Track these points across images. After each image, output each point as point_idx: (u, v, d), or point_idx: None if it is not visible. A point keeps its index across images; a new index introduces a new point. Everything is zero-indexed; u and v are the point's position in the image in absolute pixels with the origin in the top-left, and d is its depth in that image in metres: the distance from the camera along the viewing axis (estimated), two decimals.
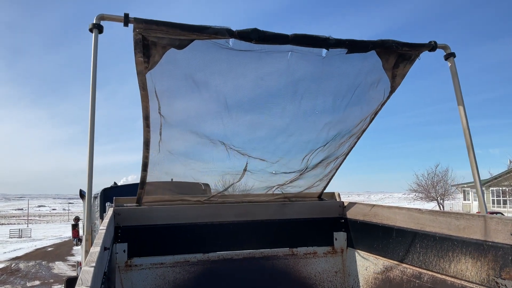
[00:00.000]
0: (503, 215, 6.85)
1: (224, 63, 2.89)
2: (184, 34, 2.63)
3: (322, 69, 2.91)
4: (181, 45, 2.71)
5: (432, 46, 2.87)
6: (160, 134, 3.26)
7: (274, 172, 3.47)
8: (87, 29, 2.63)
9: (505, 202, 40.33)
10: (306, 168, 3.44)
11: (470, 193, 45.36)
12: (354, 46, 2.76)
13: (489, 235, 2.35)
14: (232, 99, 3.05)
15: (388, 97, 3.14)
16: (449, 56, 2.95)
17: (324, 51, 2.80)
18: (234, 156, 3.32)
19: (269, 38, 2.64)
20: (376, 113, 3.23)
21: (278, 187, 3.65)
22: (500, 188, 40.55)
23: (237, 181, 3.53)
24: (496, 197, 41.16)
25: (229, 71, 2.94)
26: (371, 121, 3.26)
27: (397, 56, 2.91)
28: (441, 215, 2.75)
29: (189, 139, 3.26)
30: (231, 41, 2.70)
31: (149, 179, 3.54)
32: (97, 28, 2.57)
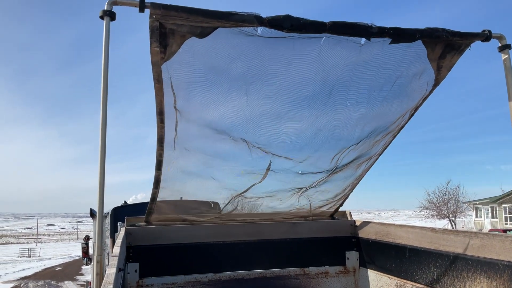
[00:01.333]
0: None
1: (250, 51, 2.62)
2: (207, 22, 2.35)
3: (357, 57, 2.63)
4: (203, 33, 2.43)
5: (486, 36, 2.57)
6: (176, 130, 3.01)
7: (300, 172, 3.23)
8: (98, 49, 2.37)
9: None
10: (335, 168, 3.20)
11: (482, 210, 44.83)
12: (399, 35, 2.47)
13: (504, 254, 2.32)
14: (256, 90, 2.79)
15: (431, 91, 2.86)
16: (504, 48, 2.66)
17: (363, 39, 2.51)
18: (256, 154, 3.07)
19: (304, 27, 2.36)
20: (416, 109, 2.96)
21: (303, 191, 3.42)
22: None
23: (259, 182, 3.29)
24: (509, 214, 40.79)
25: (254, 59, 2.67)
26: (410, 117, 3.00)
27: (444, 45, 2.62)
28: (455, 234, 2.74)
29: (208, 135, 3.00)
30: (260, 28, 2.41)
31: (163, 179, 3.31)
32: (109, 15, 2.29)
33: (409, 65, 2.71)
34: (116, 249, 2.42)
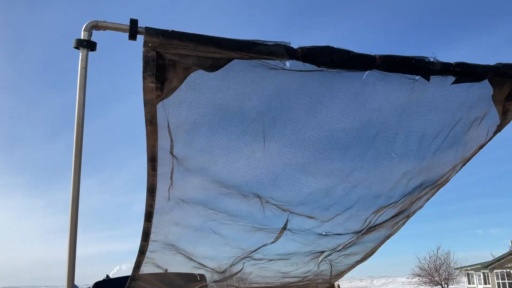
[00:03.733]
0: None
1: (271, 87, 2.10)
2: (220, 52, 1.81)
3: (409, 98, 2.12)
4: (214, 66, 1.90)
5: None
6: (171, 179, 2.47)
7: (324, 233, 2.70)
8: (87, 116, 1.85)
9: (510, 285, 39.89)
10: (368, 229, 2.67)
11: (475, 276, 44.46)
12: (467, 74, 1.98)
13: None
14: (276, 134, 2.26)
15: (491, 138, 2.37)
16: None
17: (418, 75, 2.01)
18: (270, 211, 2.53)
19: (347, 63, 1.85)
20: (468, 160, 2.46)
21: (326, 256, 2.88)
22: (505, 271, 40.22)
23: (272, 242, 2.75)
24: (502, 280, 40.70)
25: (276, 96, 2.16)
26: (461, 168, 2.50)
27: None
28: None
29: (211, 187, 2.46)
30: (289, 62, 1.89)
31: (153, 232, 2.77)
32: (86, 45, 1.74)
33: (470, 108, 2.21)
34: None
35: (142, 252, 3.03)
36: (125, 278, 6.45)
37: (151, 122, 2.11)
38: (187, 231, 2.88)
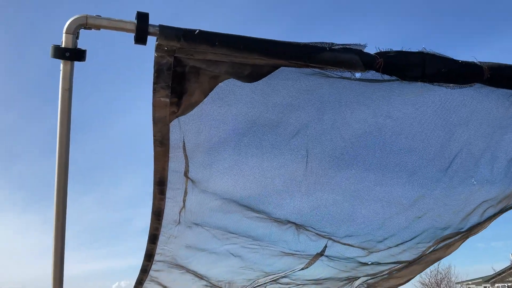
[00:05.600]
0: None
1: (324, 96, 1.58)
2: (267, 59, 1.28)
3: (506, 112, 1.62)
4: (254, 76, 1.38)
5: None
6: (184, 202, 1.98)
7: (370, 262, 2.26)
8: (86, 130, 1.28)
9: None
10: (421, 257, 2.23)
11: None
12: None
13: None
14: (324, 153, 1.76)
15: None
16: None
17: None
18: (307, 237, 2.07)
19: (445, 76, 1.34)
20: None
21: (366, 280, 2.46)
22: (506, 284, 40.29)
23: (302, 268, 2.32)
24: None
25: (330, 108, 1.64)
26: None
27: None
28: None
29: (234, 211, 1.98)
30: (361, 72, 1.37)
31: (159, 253, 2.34)
32: (71, 56, 1.19)
33: None
34: None
35: (144, 271, 2.63)
36: None
37: (162, 143, 1.60)
38: (200, 253, 2.43)
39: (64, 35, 1.14)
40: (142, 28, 1.13)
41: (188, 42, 1.15)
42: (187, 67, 1.31)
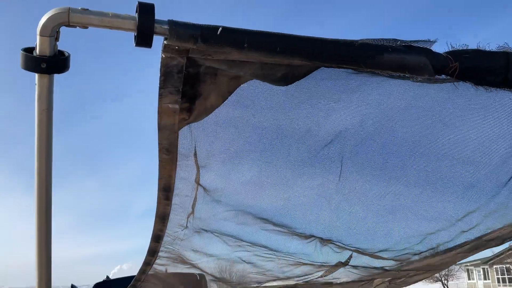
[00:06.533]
0: None
1: (367, 99, 1.30)
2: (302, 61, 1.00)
3: None
4: (288, 78, 1.10)
5: None
6: (193, 208, 1.73)
7: (398, 271, 2.03)
8: (85, 113, 1.01)
9: (510, 280, 39.69)
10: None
11: (474, 272, 43.34)
12: None
13: None
14: (359, 162, 1.48)
15: None
16: None
17: None
18: (330, 249, 1.83)
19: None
20: None
21: (385, 281, 2.25)
22: (504, 266, 39.85)
23: (321, 276, 2.10)
24: (501, 275, 40.27)
25: (372, 112, 1.35)
26: None
27: None
28: None
29: (250, 223, 1.73)
30: None
31: (162, 251, 2.14)
32: (47, 68, 0.88)
33: None
34: None
35: (148, 263, 2.44)
36: (124, 279, 6.08)
37: (168, 150, 1.33)
38: (208, 259, 2.21)
39: (38, 37, 0.82)
40: (145, 27, 0.82)
41: (207, 44, 0.86)
42: (202, 68, 1.02)
